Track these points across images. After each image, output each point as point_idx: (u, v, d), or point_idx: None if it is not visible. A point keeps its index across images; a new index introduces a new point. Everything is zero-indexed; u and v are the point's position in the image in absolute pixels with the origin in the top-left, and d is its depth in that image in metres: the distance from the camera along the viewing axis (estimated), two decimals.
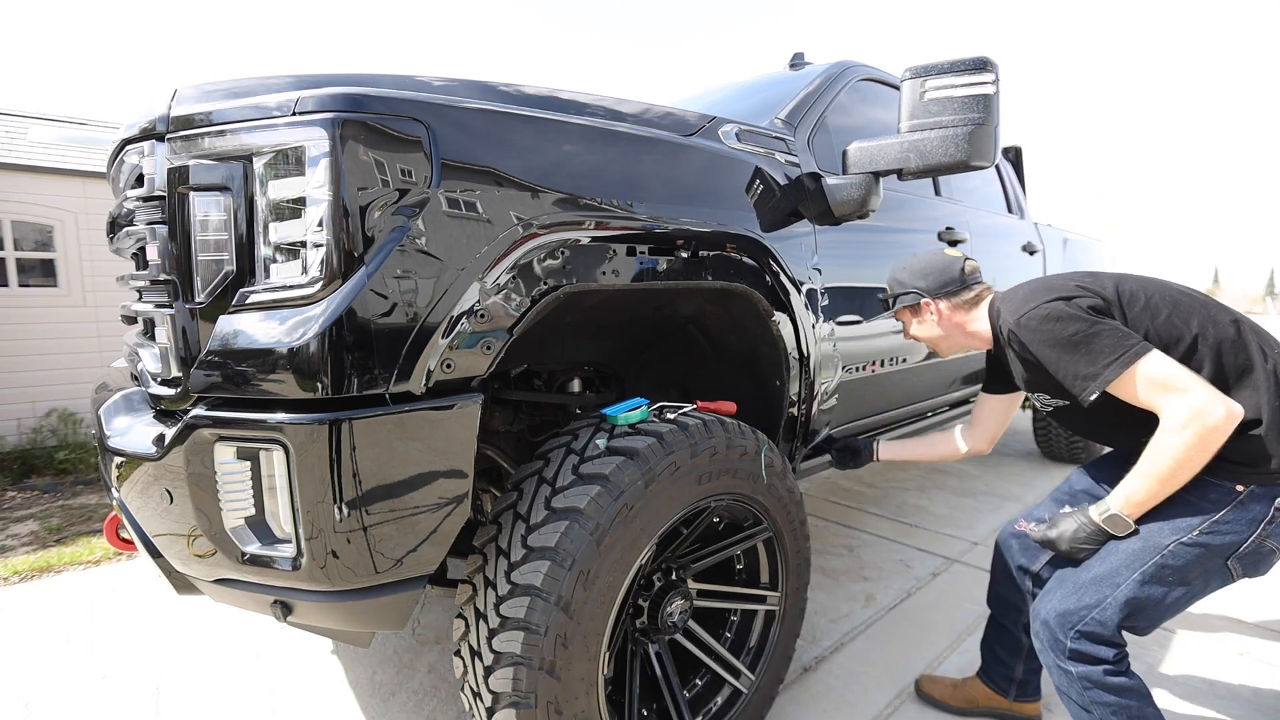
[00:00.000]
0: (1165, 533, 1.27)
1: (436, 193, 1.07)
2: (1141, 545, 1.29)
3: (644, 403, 1.40)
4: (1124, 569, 1.29)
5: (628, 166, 1.39)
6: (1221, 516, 1.25)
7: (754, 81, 2.58)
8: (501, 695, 1.17)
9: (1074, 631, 1.31)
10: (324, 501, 1.00)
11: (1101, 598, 1.30)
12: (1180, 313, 1.31)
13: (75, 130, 6.50)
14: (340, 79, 1.11)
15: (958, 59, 1.57)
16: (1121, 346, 1.23)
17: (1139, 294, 1.35)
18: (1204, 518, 1.26)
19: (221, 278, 1.05)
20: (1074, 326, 1.27)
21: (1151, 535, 1.29)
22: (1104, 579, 1.31)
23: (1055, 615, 1.34)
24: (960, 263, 1.61)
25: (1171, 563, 1.26)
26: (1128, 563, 1.29)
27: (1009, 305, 1.43)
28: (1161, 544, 1.27)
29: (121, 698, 1.95)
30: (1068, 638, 1.31)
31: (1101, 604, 1.29)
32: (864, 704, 1.87)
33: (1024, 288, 1.46)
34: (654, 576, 1.48)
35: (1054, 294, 1.34)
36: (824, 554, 2.90)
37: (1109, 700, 1.30)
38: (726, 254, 1.57)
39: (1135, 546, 1.30)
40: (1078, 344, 1.26)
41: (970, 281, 1.60)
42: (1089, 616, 1.30)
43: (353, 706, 1.90)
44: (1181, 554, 1.26)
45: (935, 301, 1.61)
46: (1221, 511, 1.25)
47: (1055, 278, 1.45)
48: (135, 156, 1.20)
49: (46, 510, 3.95)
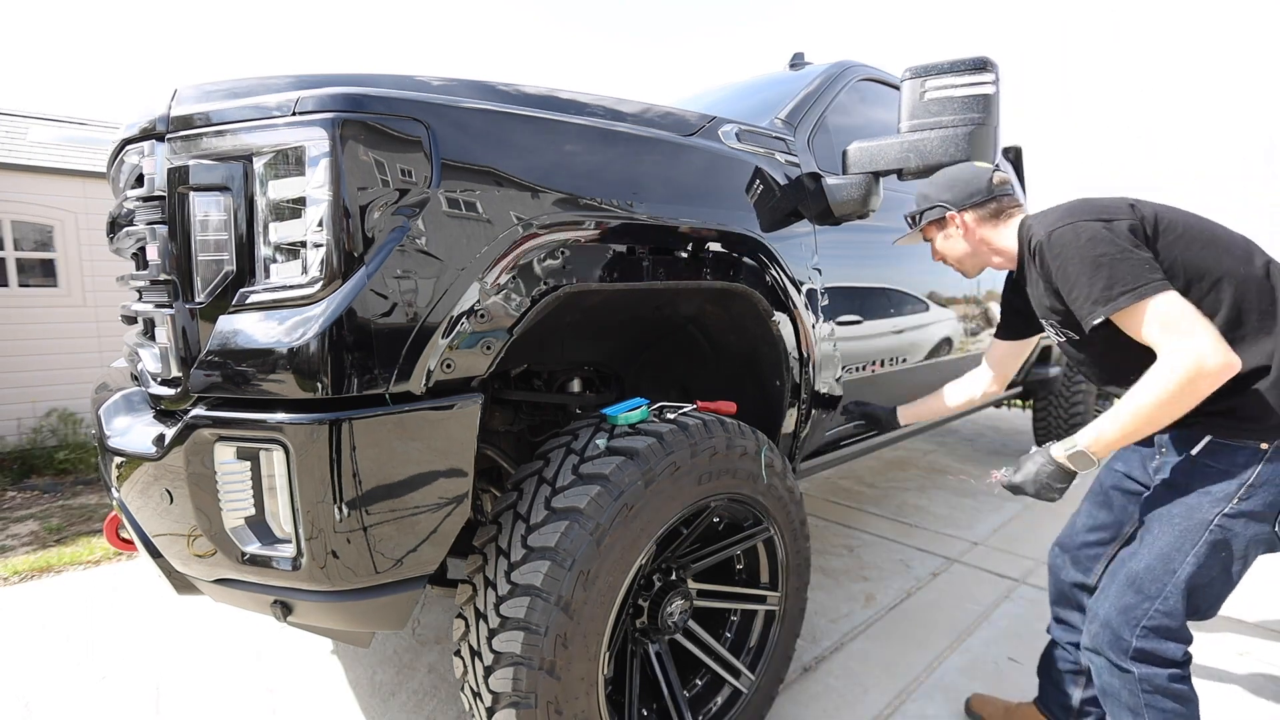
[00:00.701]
0: (1205, 507, 1.23)
1: (436, 193, 1.07)
2: (1184, 524, 1.25)
3: (644, 403, 1.40)
4: (1176, 553, 1.24)
5: (628, 166, 1.39)
6: (1255, 478, 1.21)
7: (754, 81, 2.58)
8: (501, 695, 1.17)
9: (1140, 628, 1.25)
10: (324, 501, 1.00)
11: (1162, 587, 1.25)
12: (1213, 249, 1.26)
13: (75, 130, 6.50)
14: (340, 79, 1.11)
15: (958, 59, 1.57)
16: (1142, 279, 1.18)
17: (1176, 224, 1.29)
18: (1238, 482, 1.22)
19: (221, 278, 1.05)
20: (1103, 249, 1.22)
21: (1192, 513, 1.24)
22: (1159, 567, 1.25)
23: (1117, 612, 1.28)
24: (988, 174, 1.52)
25: (1221, 537, 1.22)
26: (1178, 545, 1.24)
27: (1044, 219, 1.36)
28: (1206, 519, 1.23)
29: (121, 698, 1.95)
30: (1133, 635, 1.26)
31: (1163, 594, 1.24)
32: (864, 704, 1.87)
33: (1066, 204, 1.38)
34: (654, 576, 1.48)
35: (1095, 214, 1.28)
36: (824, 554, 2.90)
37: (1168, 707, 1.25)
38: (727, 254, 1.57)
39: (1179, 528, 1.25)
40: (1100, 266, 1.21)
41: (998, 194, 1.50)
42: (1153, 609, 1.25)
43: (353, 706, 1.90)
44: (1229, 525, 1.22)
45: (961, 214, 1.52)
46: (1253, 473, 1.21)
47: (1099, 198, 1.37)
48: (135, 156, 1.20)
49: (46, 510, 3.95)
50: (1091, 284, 1.21)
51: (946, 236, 1.58)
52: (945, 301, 2.57)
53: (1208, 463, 1.25)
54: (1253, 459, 1.22)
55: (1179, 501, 1.27)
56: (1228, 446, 1.24)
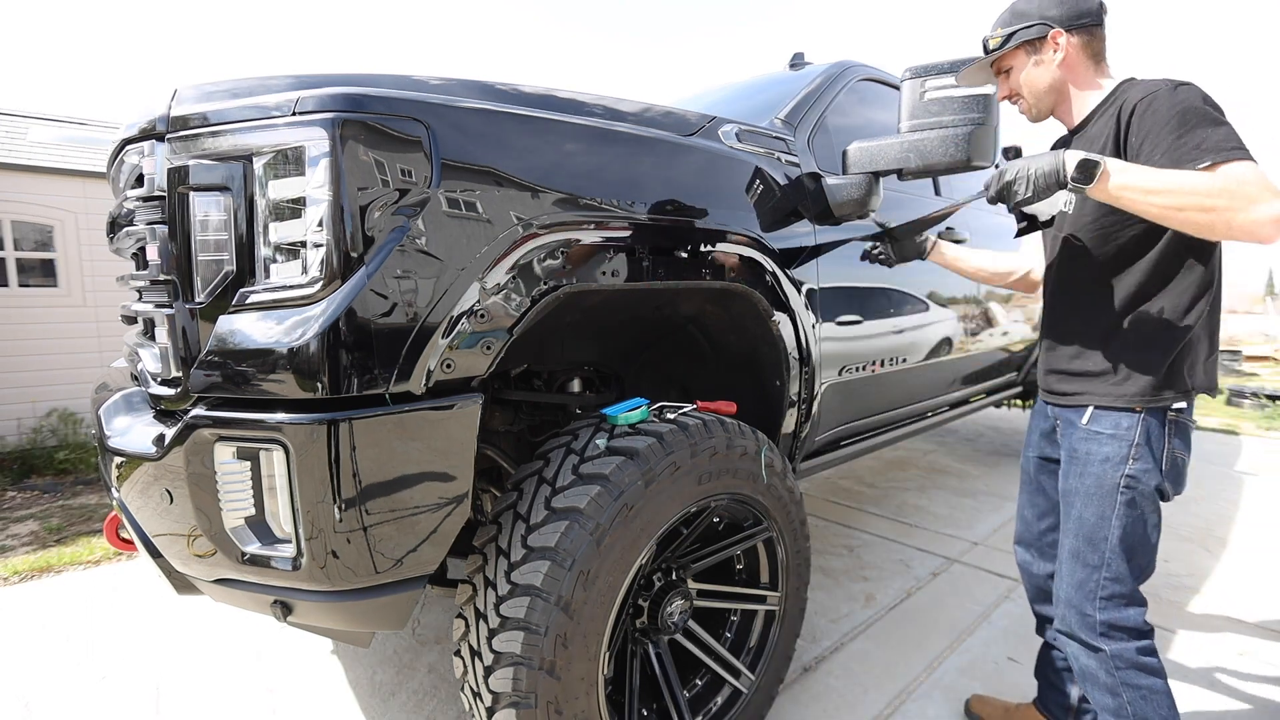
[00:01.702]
0: (1109, 473, 1.30)
1: (436, 193, 1.07)
2: (1098, 492, 1.31)
3: (644, 403, 1.40)
4: (1101, 520, 1.31)
5: (628, 166, 1.39)
6: (1139, 438, 1.28)
7: (754, 82, 2.58)
8: (501, 695, 1.17)
9: (1099, 600, 1.31)
10: (324, 501, 1.00)
11: (1101, 555, 1.31)
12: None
13: (75, 130, 6.51)
14: (340, 79, 1.11)
15: (958, 59, 1.57)
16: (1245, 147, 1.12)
17: None
18: (1127, 443, 1.29)
19: (221, 278, 1.05)
20: (1219, 112, 1.17)
21: (1101, 481, 1.31)
22: (1092, 536, 1.32)
23: (1073, 589, 1.35)
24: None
25: (1131, 496, 1.29)
26: (1100, 512, 1.31)
27: (1147, 81, 1.27)
28: (1115, 482, 1.30)
29: (121, 698, 1.95)
30: (1095, 608, 1.32)
31: (1105, 561, 1.31)
32: (864, 704, 1.87)
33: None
34: (654, 576, 1.48)
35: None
36: (824, 554, 2.90)
37: (1142, 683, 1.30)
38: (726, 254, 1.57)
39: (1094, 497, 1.32)
40: (1217, 121, 1.15)
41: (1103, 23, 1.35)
42: (1102, 578, 1.31)
43: (353, 706, 1.90)
44: (1133, 485, 1.28)
45: (1068, 35, 1.33)
46: (1135, 433, 1.28)
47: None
48: (135, 156, 1.20)
49: (46, 510, 3.95)
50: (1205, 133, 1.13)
51: (1038, 63, 1.37)
52: (945, 301, 2.57)
53: (1097, 430, 1.32)
54: (1133, 422, 1.29)
55: (1087, 473, 1.33)
56: (1110, 412, 1.31)
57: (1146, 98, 1.21)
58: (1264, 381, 7.85)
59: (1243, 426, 5.67)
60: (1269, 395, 6.53)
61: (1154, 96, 1.20)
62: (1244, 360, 9.62)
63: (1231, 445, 5.02)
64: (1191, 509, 3.45)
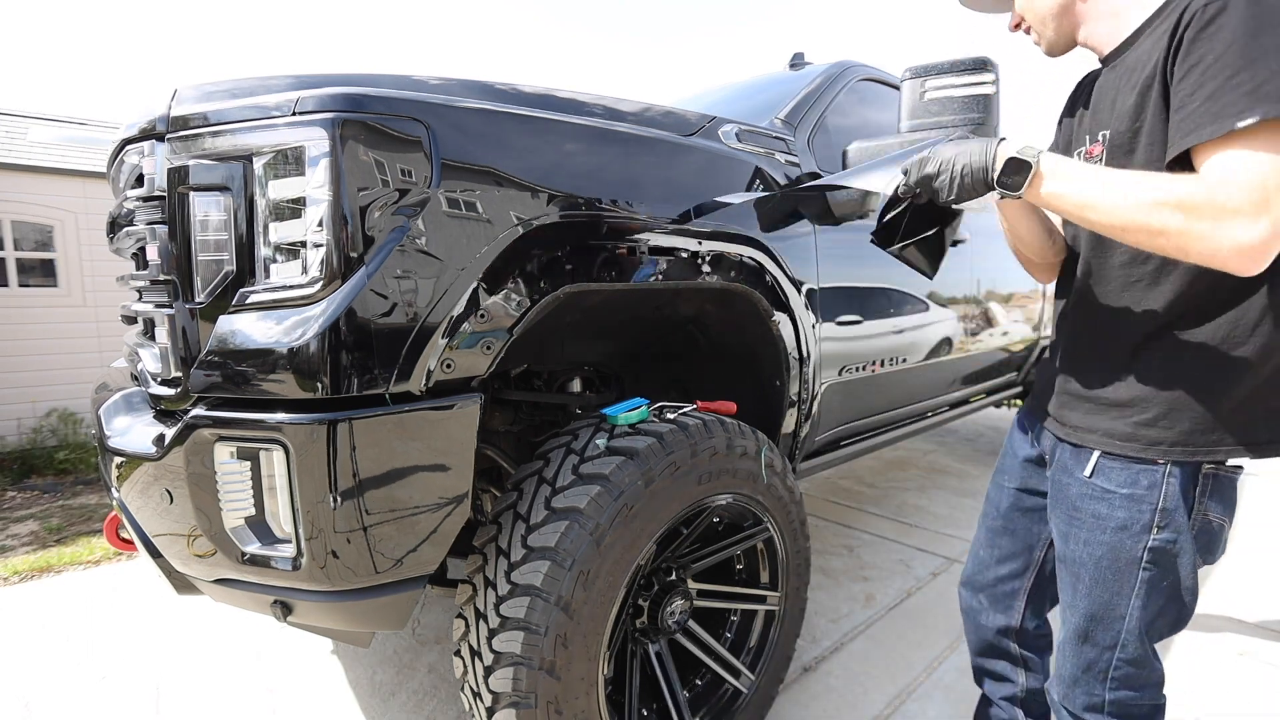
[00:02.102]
0: (1128, 545, 1.01)
1: (436, 193, 1.07)
2: (1113, 567, 1.03)
3: (644, 403, 1.40)
4: (1117, 598, 1.04)
5: (628, 166, 1.39)
6: (1164, 502, 0.99)
7: (754, 82, 2.58)
8: (501, 695, 1.17)
9: (1110, 679, 1.07)
10: (324, 501, 1.00)
11: (1116, 636, 1.05)
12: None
13: (75, 130, 6.51)
14: (340, 79, 1.11)
15: (958, 59, 1.57)
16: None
17: None
18: (1150, 509, 0.99)
19: (221, 278, 1.05)
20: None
21: (1117, 554, 1.02)
22: (1105, 616, 1.06)
23: (1081, 670, 1.09)
24: None
25: (1157, 571, 1.01)
26: (1117, 589, 1.04)
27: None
28: (1135, 557, 1.01)
29: (121, 698, 1.95)
30: (1105, 690, 1.07)
31: (1120, 642, 1.05)
32: (864, 704, 1.87)
33: None
34: (654, 576, 1.48)
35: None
36: (824, 554, 2.90)
37: None
38: (726, 254, 1.57)
39: (1108, 571, 1.04)
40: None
41: None
42: (1115, 659, 1.06)
43: (353, 706, 1.90)
44: (1160, 559, 1.00)
45: None
46: (1159, 495, 0.99)
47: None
48: (135, 156, 1.20)
49: (46, 510, 3.95)
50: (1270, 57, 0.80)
51: None
52: (945, 301, 2.57)
53: (1107, 488, 1.02)
54: (1155, 480, 0.99)
55: (1098, 541, 1.04)
56: (1124, 463, 1.01)
57: (1237, 11, 0.82)
58: None
59: None
60: None
61: (1225, 4, 0.83)
62: None
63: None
64: None
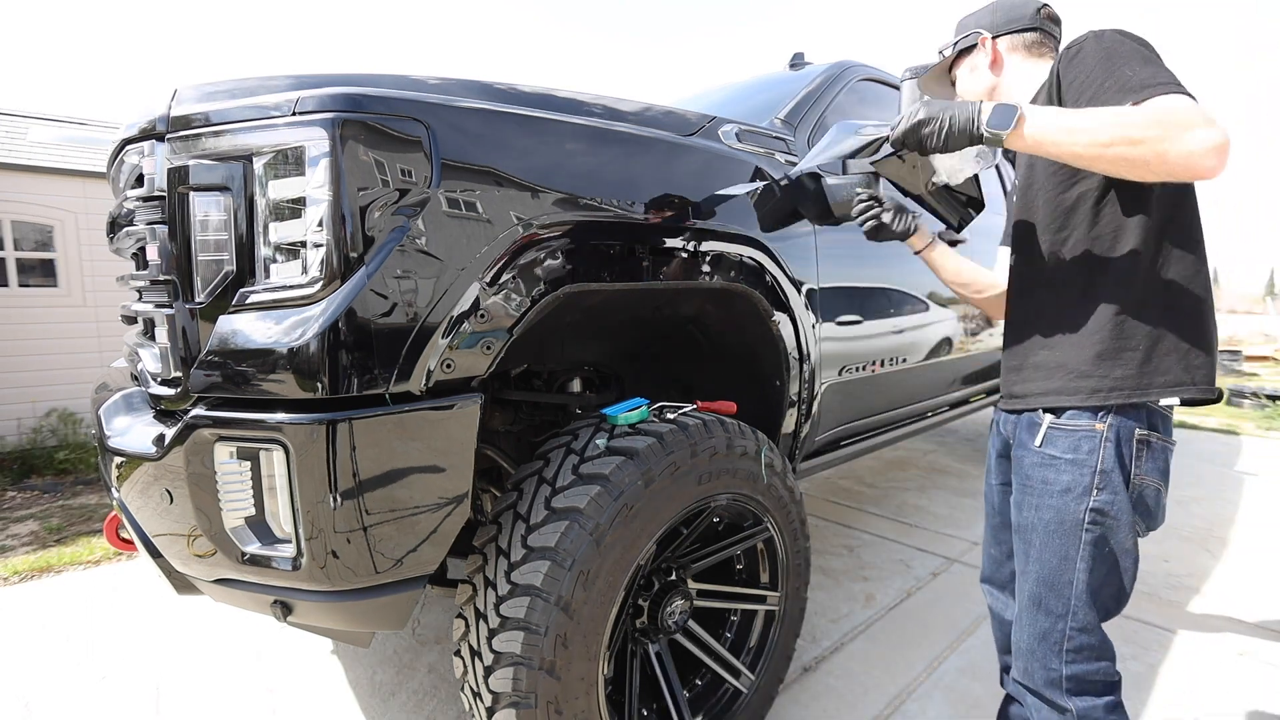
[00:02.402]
0: (1070, 506, 1.12)
1: (436, 193, 1.07)
2: (1059, 529, 1.14)
3: (644, 403, 1.40)
4: (1064, 562, 1.14)
5: (627, 166, 1.39)
6: (1102, 464, 1.10)
7: (754, 82, 2.58)
8: (501, 695, 1.17)
9: (1066, 652, 1.15)
10: (324, 501, 1.00)
11: (1066, 602, 1.14)
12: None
13: (75, 130, 6.51)
14: (340, 79, 1.11)
15: None
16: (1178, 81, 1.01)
17: None
18: (1090, 471, 1.11)
19: (221, 278, 1.05)
20: (1149, 50, 1.08)
21: (1062, 516, 1.13)
22: (1055, 580, 1.15)
23: (1036, 640, 1.18)
24: (1037, 4, 1.34)
25: (1099, 532, 1.11)
26: (1063, 553, 1.14)
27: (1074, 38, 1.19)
28: (1077, 519, 1.12)
29: (121, 698, 1.95)
30: (1061, 663, 1.15)
31: (1070, 609, 1.14)
32: (864, 704, 1.87)
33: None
34: (654, 576, 1.48)
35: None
36: (824, 554, 2.90)
37: None
38: (726, 254, 1.57)
39: (1055, 535, 1.14)
40: (1146, 59, 1.06)
41: (1043, 27, 1.33)
42: (1068, 628, 1.14)
43: (353, 706, 1.90)
44: (1100, 519, 1.11)
45: (995, 40, 1.34)
46: (1098, 458, 1.10)
47: None
48: (135, 156, 1.20)
49: (46, 510, 3.95)
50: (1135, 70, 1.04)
51: (973, 68, 1.39)
52: (945, 301, 2.57)
53: (1054, 455, 1.14)
54: (1095, 444, 1.11)
55: (1045, 505, 1.16)
56: (1068, 434, 1.13)
57: (1072, 48, 1.13)
58: (1264, 381, 7.85)
59: (1243, 426, 5.67)
60: (1269, 395, 6.53)
61: (1080, 46, 1.12)
62: (1244, 360, 9.63)
63: (1231, 445, 5.02)
64: (1192, 509, 3.45)
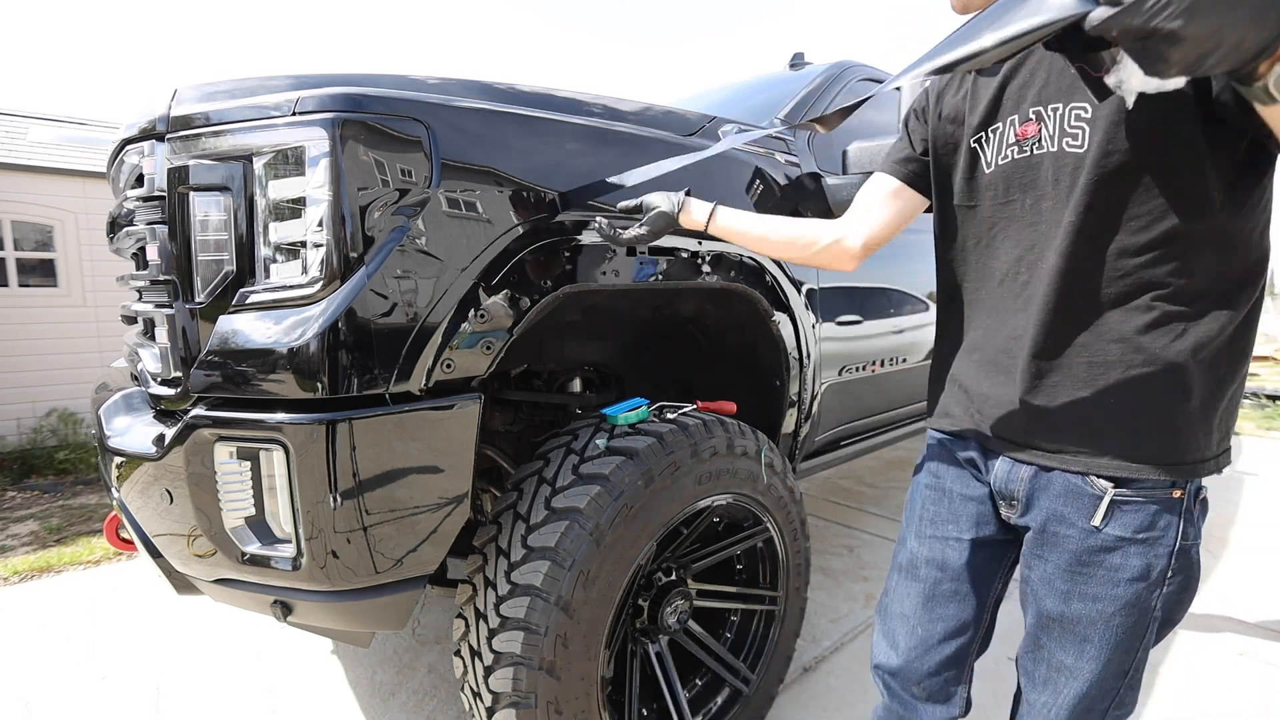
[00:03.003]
0: (1143, 596, 0.87)
1: (436, 193, 1.07)
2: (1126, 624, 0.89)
3: (644, 403, 1.40)
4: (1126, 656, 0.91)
5: (627, 166, 1.38)
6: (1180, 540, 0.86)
7: (754, 82, 2.58)
8: (501, 695, 1.17)
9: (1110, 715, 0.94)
10: (324, 501, 1.00)
11: (1115, 693, 0.93)
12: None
13: (75, 130, 6.50)
14: (340, 79, 1.11)
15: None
16: None
17: None
18: (1166, 551, 0.85)
19: (221, 278, 1.05)
20: None
21: (1131, 610, 0.87)
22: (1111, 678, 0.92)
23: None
24: None
25: (1166, 615, 0.90)
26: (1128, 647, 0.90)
27: None
28: (1148, 608, 0.88)
29: (121, 698, 1.95)
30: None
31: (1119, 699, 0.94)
32: (864, 704, 1.87)
33: None
34: (654, 576, 1.48)
35: None
36: (824, 554, 2.90)
37: None
38: (726, 254, 1.57)
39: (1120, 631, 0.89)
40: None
41: None
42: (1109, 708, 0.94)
43: (353, 706, 1.90)
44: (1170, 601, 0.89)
45: None
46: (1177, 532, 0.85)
47: None
48: (135, 156, 1.20)
49: (46, 510, 3.95)
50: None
51: None
52: None
53: (1122, 536, 0.85)
54: (1170, 514, 0.85)
55: (1109, 596, 0.88)
56: (1136, 508, 0.85)
57: None
58: (1264, 381, 7.85)
59: (1243, 426, 5.67)
60: (1269, 395, 6.53)
61: None
62: None
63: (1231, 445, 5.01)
64: None
